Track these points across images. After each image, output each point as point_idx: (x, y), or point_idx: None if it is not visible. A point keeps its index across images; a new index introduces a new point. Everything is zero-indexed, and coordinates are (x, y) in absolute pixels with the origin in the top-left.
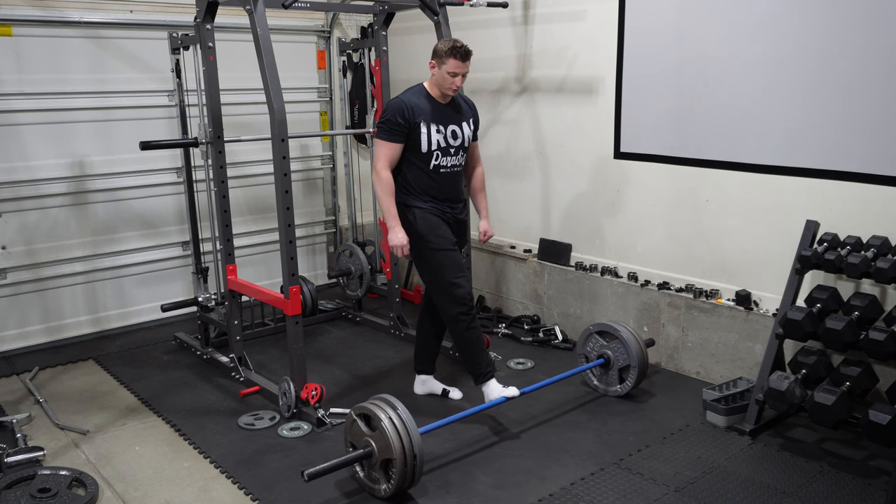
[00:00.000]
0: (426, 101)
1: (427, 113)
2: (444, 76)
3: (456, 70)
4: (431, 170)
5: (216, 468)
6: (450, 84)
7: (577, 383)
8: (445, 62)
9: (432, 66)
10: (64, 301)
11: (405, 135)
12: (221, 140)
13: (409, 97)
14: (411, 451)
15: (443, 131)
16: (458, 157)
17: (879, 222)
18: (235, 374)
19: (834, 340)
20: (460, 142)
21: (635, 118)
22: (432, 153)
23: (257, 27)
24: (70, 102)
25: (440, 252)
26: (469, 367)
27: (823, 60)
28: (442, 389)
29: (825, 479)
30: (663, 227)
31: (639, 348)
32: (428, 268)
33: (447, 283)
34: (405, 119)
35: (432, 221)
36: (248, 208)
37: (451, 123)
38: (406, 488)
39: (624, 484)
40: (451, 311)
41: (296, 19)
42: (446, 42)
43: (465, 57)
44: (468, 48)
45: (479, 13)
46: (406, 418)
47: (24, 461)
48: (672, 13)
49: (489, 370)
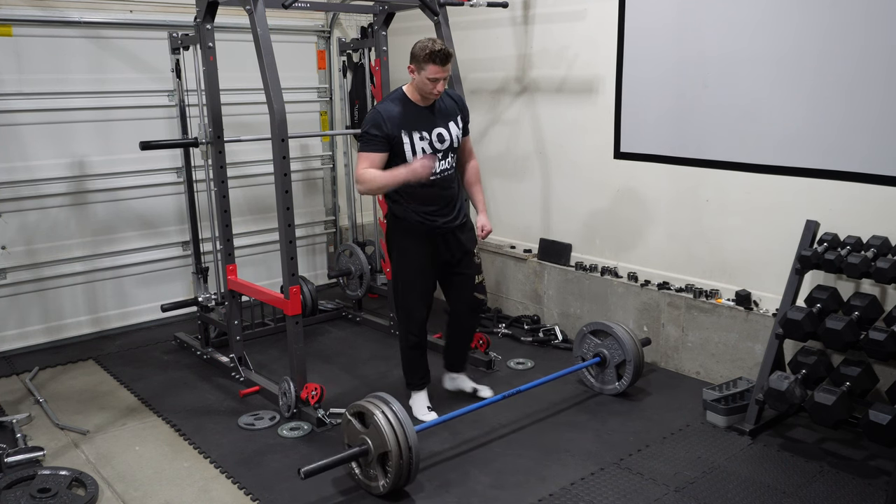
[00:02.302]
0: (406, 107)
1: (407, 121)
2: (423, 82)
3: (436, 76)
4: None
5: (216, 468)
6: (430, 90)
7: (576, 383)
8: (424, 68)
9: (411, 70)
10: (64, 301)
11: (387, 143)
12: (221, 140)
13: (386, 107)
14: (406, 443)
15: (427, 137)
16: (448, 161)
17: (879, 222)
18: (235, 374)
19: (834, 340)
20: (448, 144)
21: (635, 118)
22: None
23: (257, 27)
24: (70, 102)
25: (408, 274)
26: (405, 376)
27: (824, 60)
28: (472, 388)
29: (825, 479)
30: (663, 227)
31: (633, 343)
32: (395, 284)
33: (404, 306)
34: (382, 132)
35: (412, 239)
36: (248, 208)
37: (436, 127)
38: (403, 484)
39: (624, 484)
40: (403, 331)
41: (296, 19)
42: (423, 46)
43: (444, 61)
44: (448, 50)
45: (479, 13)
46: (399, 411)
47: (24, 461)
48: (672, 13)
49: (413, 382)
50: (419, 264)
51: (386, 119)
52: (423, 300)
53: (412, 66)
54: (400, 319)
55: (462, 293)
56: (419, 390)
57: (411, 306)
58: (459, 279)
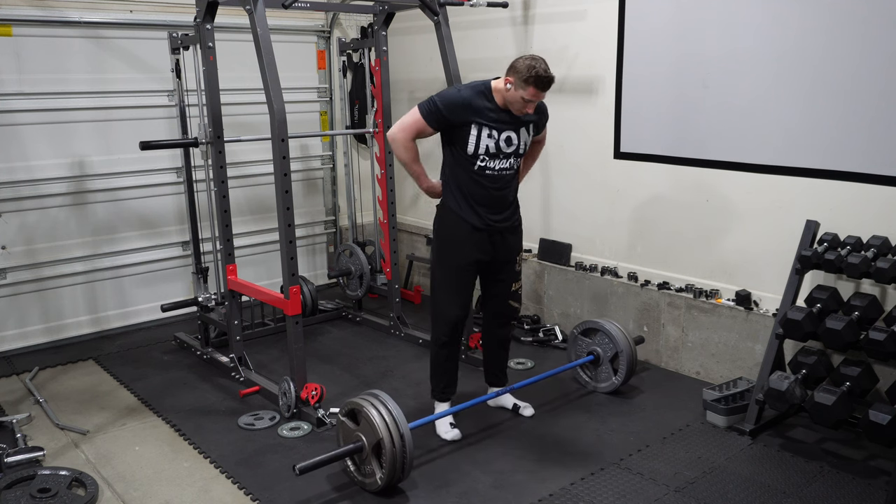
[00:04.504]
0: (487, 102)
1: (484, 115)
2: (517, 98)
3: (533, 98)
4: (476, 171)
5: (216, 468)
6: (520, 108)
7: (576, 383)
8: (524, 87)
9: (508, 81)
10: (64, 301)
11: (442, 124)
12: (221, 140)
13: (469, 94)
14: (397, 432)
15: (495, 137)
16: (510, 161)
17: (879, 222)
18: (235, 374)
19: (834, 340)
20: (514, 148)
21: (635, 118)
22: (478, 156)
23: (257, 27)
24: (70, 102)
25: (446, 270)
26: (430, 380)
27: (823, 60)
28: (513, 404)
29: (825, 479)
30: (663, 227)
31: (623, 336)
32: (432, 277)
33: (437, 301)
34: (449, 114)
35: (458, 235)
36: (248, 208)
37: (508, 129)
38: (400, 475)
39: (624, 484)
40: (434, 328)
41: (296, 19)
42: (530, 66)
43: (546, 87)
44: (551, 76)
45: (479, 13)
46: (388, 402)
47: (24, 461)
48: (672, 13)
49: (437, 390)
50: (460, 260)
51: (463, 105)
52: (458, 298)
53: (511, 79)
54: (432, 318)
55: (496, 299)
56: (442, 402)
57: (444, 302)
58: (496, 284)
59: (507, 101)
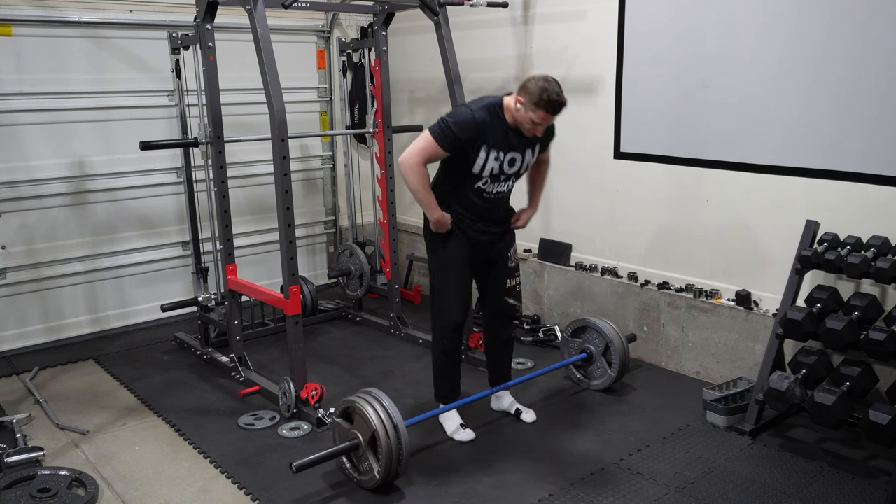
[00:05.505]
0: (498, 122)
1: (493, 138)
2: (527, 119)
3: (542, 122)
4: (475, 189)
5: (216, 468)
6: (529, 129)
7: (576, 384)
8: (535, 110)
9: (519, 101)
10: (64, 301)
11: (457, 147)
12: (221, 140)
13: (483, 115)
14: (391, 423)
15: (501, 158)
16: (509, 184)
17: (879, 222)
18: (235, 374)
19: (834, 340)
20: (516, 169)
21: (635, 118)
22: (482, 177)
23: (257, 27)
24: (70, 102)
25: (442, 266)
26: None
27: (824, 60)
28: (515, 409)
29: (825, 479)
30: (663, 228)
31: (612, 330)
32: (431, 282)
33: (438, 305)
34: (463, 136)
35: (448, 241)
36: (248, 208)
37: (513, 151)
38: (397, 466)
39: (624, 484)
40: (435, 329)
41: (296, 19)
42: (543, 88)
43: (557, 111)
44: (563, 100)
45: (479, 13)
46: (380, 395)
47: (24, 461)
48: (672, 13)
49: (441, 394)
50: (457, 262)
51: (478, 127)
52: (459, 300)
53: (522, 99)
54: (434, 321)
55: (493, 298)
56: (447, 404)
57: (445, 306)
58: (492, 283)
59: (516, 120)
